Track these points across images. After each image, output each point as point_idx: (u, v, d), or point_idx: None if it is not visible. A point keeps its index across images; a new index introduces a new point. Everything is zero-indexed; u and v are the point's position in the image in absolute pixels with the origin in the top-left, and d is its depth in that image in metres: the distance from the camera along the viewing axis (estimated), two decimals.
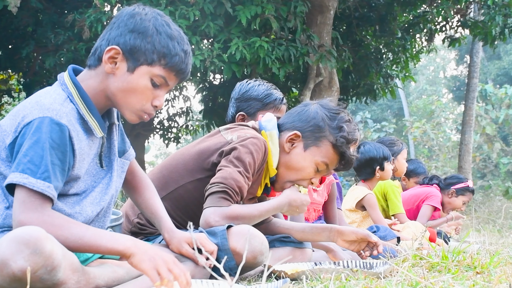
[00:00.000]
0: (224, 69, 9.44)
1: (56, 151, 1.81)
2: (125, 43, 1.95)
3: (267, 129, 2.64)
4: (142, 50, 1.94)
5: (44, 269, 1.61)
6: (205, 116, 13.93)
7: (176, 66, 1.99)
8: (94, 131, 1.97)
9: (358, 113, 28.81)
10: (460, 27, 12.52)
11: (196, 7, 9.03)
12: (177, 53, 1.97)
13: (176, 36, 1.99)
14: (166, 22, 2.00)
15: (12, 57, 11.91)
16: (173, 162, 2.65)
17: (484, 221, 10.55)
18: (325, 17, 10.59)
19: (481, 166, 26.04)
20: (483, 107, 24.09)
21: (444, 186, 6.02)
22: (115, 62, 1.96)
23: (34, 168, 1.76)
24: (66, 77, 1.99)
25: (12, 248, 1.60)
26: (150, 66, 1.96)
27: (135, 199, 2.30)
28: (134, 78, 1.96)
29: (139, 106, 1.99)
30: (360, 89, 13.16)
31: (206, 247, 2.09)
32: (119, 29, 1.97)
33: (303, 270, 2.37)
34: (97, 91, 1.99)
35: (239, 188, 2.42)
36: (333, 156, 2.62)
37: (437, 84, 38.50)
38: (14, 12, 9.08)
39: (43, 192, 1.76)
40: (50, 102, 1.87)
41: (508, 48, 30.34)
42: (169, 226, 2.19)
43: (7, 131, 1.87)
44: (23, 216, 1.75)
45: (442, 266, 2.45)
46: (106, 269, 1.94)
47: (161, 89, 2.01)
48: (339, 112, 2.64)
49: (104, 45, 1.97)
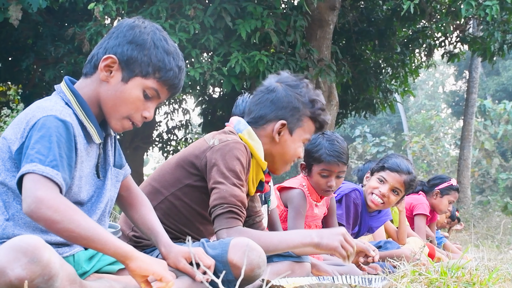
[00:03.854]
0: (223, 82, 9.46)
1: (63, 145, 1.82)
2: (122, 53, 1.98)
3: (241, 129, 2.66)
4: (138, 61, 1.98)
5: (41, 278, 1.60)
6: (204, 129, 13.95)
7: (170, 80, 2.02)
8: (93, 136, 1.99)
9: (357, 127, 28.81)
10: (459, 42, 12.56)
11: (196, 21, 9.07)
12: (171, 68, 2.01)
13: (172, 51, 2.03)
14: (164, 37, 2.04)
15: (11, 69, 11.94)
16: (161, 173, 2.67)
17: (483, 237, 10.52)
18: (325, 31, 10.63)
19: (480, 182, 26.02)
20: (482, 122, 24.14)
21: (428, 189, 5.91)
22: (110, 71, 1.99)
23: (42, 157, 1.75)
24: (63, 86, 2.02)
25: (9, 256, 1.59)
26: (144, 78, 1.99)
27: (131, 215, 2.30)
28: (127, 88, 1.99)
29: (125, 114, 2.02)
30: (359, 104, 13.19)
31: (204, 262, 2.08)
32: (117, 39, 2.00)
33: (302, 284, 2.36)
34: (92, 98, 2.02)
35: (241, 202, 2.43)
36: (312, 127, 2.70)
37: (436, 99, 38.57)
38: (16, 25, 9.12)
39: (52, 178, 1.75)
40: (51, 105, 1.89)
41: (507, 64, 30.45)
42: (166, 240, 2.18)
43: (12, 139, 1.87)
44: (40, 192, 1.71)
45: (441, 282, 2.44)
46: (103, 283, 1.93)
47: (152, 101, 2.05)
48: (302, 84, 2.68)
49: (101, 53, 2.00)
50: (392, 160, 3.98)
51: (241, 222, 2.44)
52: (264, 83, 2.75)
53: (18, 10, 8.94)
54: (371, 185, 4.00)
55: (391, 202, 3.99)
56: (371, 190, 3.99)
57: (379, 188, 3.96)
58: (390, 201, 3.97)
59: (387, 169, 3.95)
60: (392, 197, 3.96)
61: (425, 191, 5.90)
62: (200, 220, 2.62)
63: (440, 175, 6.22)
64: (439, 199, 5.87)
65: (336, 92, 10.98)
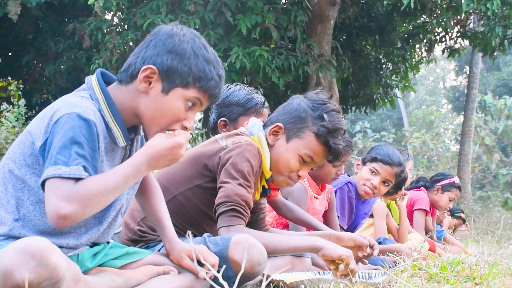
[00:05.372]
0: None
1: (86, 146, 1.78)
2: (162, 63, 1.92)
3: (254, 133, 2.64)
4: (179, 72, 1.92)
5: (48, 282, 1.61)
6: (205, 125, 13.93)
7: (211, 90, 1.97)
8: (117, 139, 1.94)
9: (357, 123, 28.83)
10: (459, 38, 12.56)
11: (197, 16, 9.06)
12: (213, 77, 1.96)
13: (213, 60, 1.98)
14: (204, 44, 1.99)
15: (12, 64, 11.94)
16: (171, 170, 2.64)
17: (483, 232, 10.53)
18: (325, 26, 10.62)
19: (480, 177, 26.02)
20: (482, 117, 24.11)
21: (429, 185, 5.93)
22: (149, 82, 1.93)
23: (66, 159, 1.72)
24: (94, 82, 1.97)
25: (17, 259, 1.59)
26: (185, 88, 1.94)
27: (141, 203, 2.28)
28: (167, 100, 1.94)
29: (166, 126, 1.96)
30: (359, 99, 13.18)
31: (208, 260, 2.07)
32: (156, 48, 1.94)
33: (302, 279, 2.36)
34: (125, 106, 1.96)
35: (245, 202, 2.43)
36: (318, 147, 2.57)
37: (436, 94, 38.56)
38: (15, 20, 9.11)
39: (80, 177, 1.72)
40: (77, 100, 1.84)
41: (507, 59, 30.42)
42: (171, 236, 2.17)
43: (37, 134, 1.84)
44: (61, 205, 1.69)
45: (441, 277, 2.44)
46: (105, 277, 1.93)
47: (192, 111, 2.00)
48: (324, 102, 2.60)
49: (139, 63, 1.94)
50: (384, 151, 4.01)
51: (244, 221, 2.44)
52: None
53: (17, 5, 8.94)
54: (363, 176, 4.06)
55: (381, 192, 4.08)
56: (363, 182, 4.05)
57: (371, 180, 4.01)
58: (380, 191, 4.05)
59: (379, 161, 3.99)
60: (383, 188, 4.04)
61: (427, 187, 5.91)
62: (207, 221, 2.62)
63: (443, 172, 6.25)
64: (439, 195, 5.88)
65: (337, 88, 10.97)
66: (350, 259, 2.38)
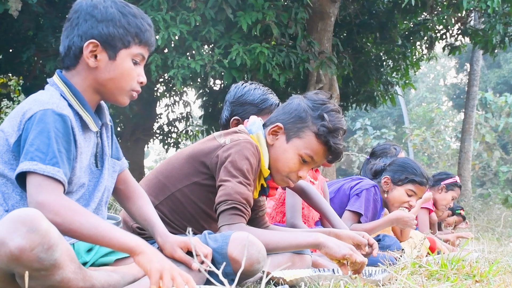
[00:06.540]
0: (224, 74, 9.46)
1: (61, 140, 1.85)
2: (100, 34, 2.00)
3: (253, 131, 2.64)
4: (117, 36, 2.01)
5: (41, 247, 1.63)
6: (205, 122, 13.94)
7: (149, 40, 2.08)
8: (89, 125, 2.01)
9: (358, 120, 28.81)
10: (460, 35, 12.55)
11: (197, 13, 9.05)
12: (146, 28, 2.07)
13: (138, 13, 2.07)
14: (124, 2, 2.08)
15: (12, 60, 11.92)
16: (168, 167, 2.65)
17: (483, 229, 10.53)
18: (326, 23, 10.61)
19: (481, 174, 26.04)
20: (483, 115, 24.13)
21: (433, 183, 5.95)
22: (95, 55, 2.01)
23: (42, 155, 1.80)
24: (56, 78, 2.04)
25: (9, 227, 1.62)
26: (128, 48, 2.03)
27: (128, 208, 2.31)
28: (117, 64, 2.03)
29: (128, 87, 2.07)
30: (360, 96, 13.17)
31: (200, 251, 2.08)
32: (87, 22, 2.01)
33: (302, 276, 2.36)
34: (84, 87, 2.04)
35: (246, 200, 2.43)
36: (318, 147, 2.57)
37: (437, 91, 38.54)
38: (15, 16, 9.10)
39: (54, 176, 1.79)
40: (48, 98, 1.92)
41: (508, 56, 30.39)
42: (162, 230, 2.19)
43: (9, 132, 1.90)
44: (41, 197, 1.77)
45: (441, 274, 2.45)
46: (102, 272, 1.94)
47: (140, 66, 2.10)
48: (324, 102, 2.60)
49: (77, 42, 2.01)
50: (417, 171, 4.01)
51: (245, 219, 2.44)
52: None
53: (17, 1, 8.92)
54: (401, 199, 4.05)
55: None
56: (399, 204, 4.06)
57: (410, 202, 4.04)
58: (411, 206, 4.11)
59: (417, 183, 4.00)
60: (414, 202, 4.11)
61: (430, 185, 5.93)
62: (205, 218, 2.62)
63: (445, 171, 6.32)
64: (444, 194, 5.93)
65: (337, 85, 10.96)
66: (354, 255, 2.38)
